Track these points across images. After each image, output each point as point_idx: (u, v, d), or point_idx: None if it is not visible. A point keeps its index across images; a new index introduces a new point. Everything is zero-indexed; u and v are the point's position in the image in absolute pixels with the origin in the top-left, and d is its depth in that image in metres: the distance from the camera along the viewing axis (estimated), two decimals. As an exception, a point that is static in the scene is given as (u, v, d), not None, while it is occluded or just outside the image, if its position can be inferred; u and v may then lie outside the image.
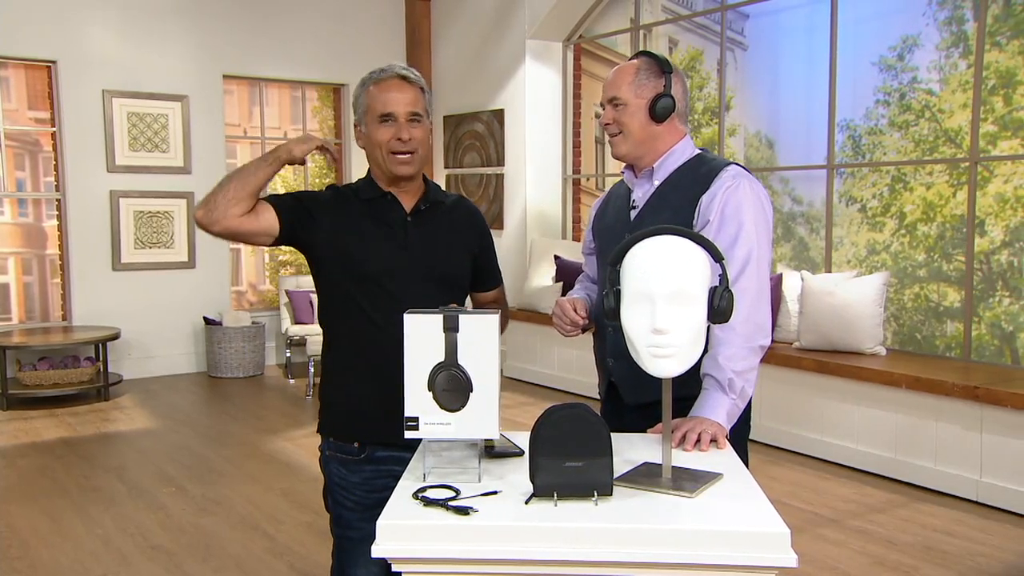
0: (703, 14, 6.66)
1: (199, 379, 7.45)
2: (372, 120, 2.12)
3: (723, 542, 1.50)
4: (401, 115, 2.10)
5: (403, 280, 2.11)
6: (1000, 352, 5.01)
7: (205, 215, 2.01)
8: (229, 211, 2.01)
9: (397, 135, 2.10)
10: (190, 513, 4.28)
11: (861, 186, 5.69)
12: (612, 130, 2.23)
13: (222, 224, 2.01)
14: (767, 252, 2.15)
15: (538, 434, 1.64)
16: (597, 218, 2.42)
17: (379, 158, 2.13)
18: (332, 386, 2.23)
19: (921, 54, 5.31)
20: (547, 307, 7.06)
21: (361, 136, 2.17)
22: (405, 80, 2.12)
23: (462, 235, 2.26)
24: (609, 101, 2.22)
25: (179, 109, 7.48)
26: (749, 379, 2.06)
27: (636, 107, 2.18)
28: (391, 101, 2.10)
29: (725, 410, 2.02)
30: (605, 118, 2.24)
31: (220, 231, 2.03)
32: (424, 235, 2.16)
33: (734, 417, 2.04)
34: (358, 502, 2.16)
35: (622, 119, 2.20)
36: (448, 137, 8.36)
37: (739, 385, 2.03)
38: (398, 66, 2.15)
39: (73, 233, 7.12)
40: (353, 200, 2.18)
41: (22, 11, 6.81)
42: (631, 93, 2.18)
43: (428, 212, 2.19)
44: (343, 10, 8.20)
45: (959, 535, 4.00)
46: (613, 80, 2.22)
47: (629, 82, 2.19)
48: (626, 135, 2.21)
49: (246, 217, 2.03)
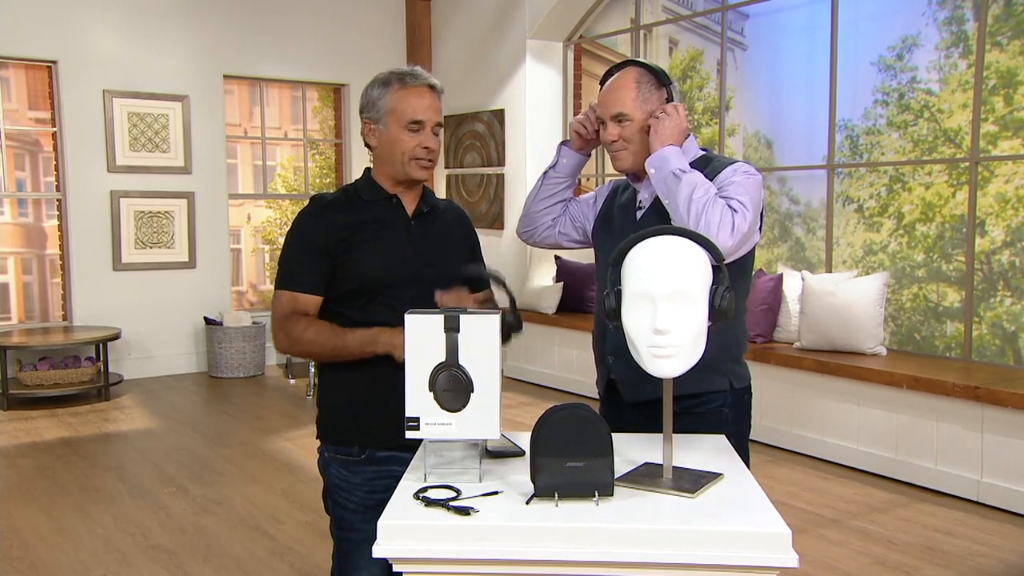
0: (703, 14, 6.66)
1: (199, 379, 7.45)
2: (396, 123, 2.11)
3: (724, 542, 1.50)
4: (429, 124, 2.12)
5: (405, 282, 2.11)
6: (1001, 352, 5.01)
7: (286, 348, 2.15)
8: (304, 356, 2.21)
9: (425, 143, 2.11)
10: (190, 513, 4.28)
11: (858, 186, 5.69)
12: (617, 147, 2.22)
13: (294, 356, 2.18)
14: (757, 221, 2.15)
15: (539, 434, 1.64)
16: (600, 218, 2.40)
17: (399, 161, 2.13)
18: (332, 392, 2.22)
19: (921, 54, 5.31)
20: (547, 307, 7.07)
21: (375, 134, 2.15)
22: (433, 89, 2.14)
23: (457, 238, 2.28)
24: (613, 118, 2.20)
25: (179, 109, 7.48)
26: (689, 190, 2.05)
27: (640, 122, 2.18)
28: (421, 109, 2.10)
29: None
30: (610, 135, 2.21)
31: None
32: (426, 238, 2.18)
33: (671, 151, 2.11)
34: (359, 503, 2.15)
35: (627, 135, 2.19)
36: (448, 137, 8.36)
37: (677, 174, 2.07)
38: (426, 73, 2.15)
39: (73, 233, 7.12)
40: (356, 203, 2.17)
41: (22, 11, 6.81)
42: (637, 108, 2.18)
43: (428, 215, 2.21)
44: (343, 10, 8.20)
45: (960, 535, 4.00)
46: (615, 96, 2.20)
47: (633, 98, 2.18)
48: (630, 151, 2.21)
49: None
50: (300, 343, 2.10)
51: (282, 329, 2.12)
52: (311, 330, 2.09)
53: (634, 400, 2.22)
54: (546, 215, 2.43)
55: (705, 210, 2.01)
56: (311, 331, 2.09)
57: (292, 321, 2.10)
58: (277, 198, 8.58)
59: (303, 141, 8.43)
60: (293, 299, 2.12)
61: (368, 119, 2.15)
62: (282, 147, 8.75)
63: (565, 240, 2.46)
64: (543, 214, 2.43)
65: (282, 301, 2.13)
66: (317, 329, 2.09)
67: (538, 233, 2.45)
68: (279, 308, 2.14)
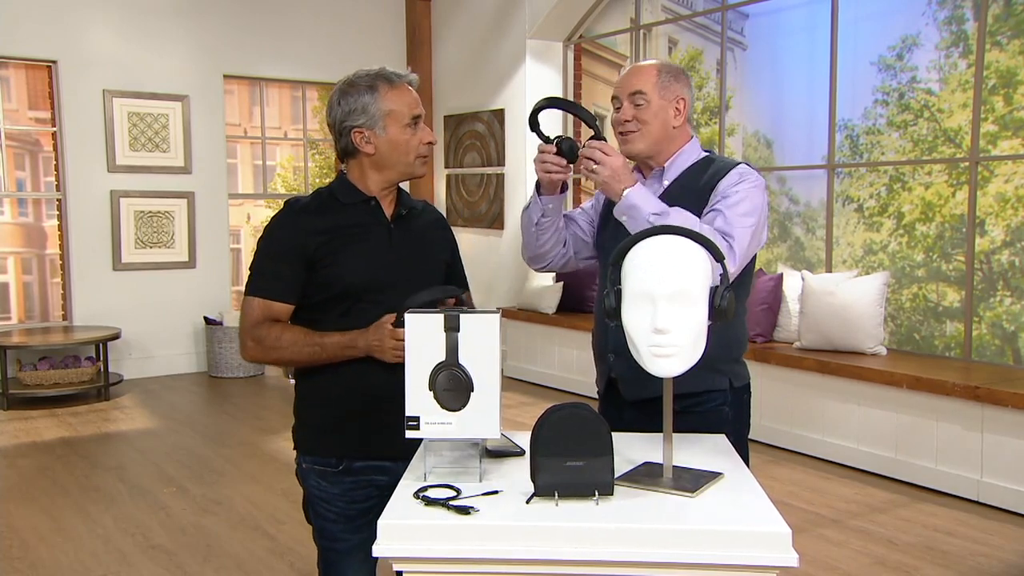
0: (703, 14, 6.66)
1: (199, 379, 7.45)
2: (397, 124, 2.05)
3: (724, 541, 1.50)
4: (424, 116, 2.11)
5: (388, 286, 2.05)
6: (1001, 352, 5.01)
7: (256, 356, 2.07)
8: (276, 363, 2.16)
9: (426, 139, 2.09)
10: (190, 513, 4.28)
11: (858, 186, 5.69)
12: (630, 127, 2.20)
13: (262, 364, 2.14)
14: (760, 235, 2.15)
15: (539, 433, 1.64)
16: (603, 216, 2.40)
17: (404, 162, 2.09)
18: (308, 403, 2.16)
19: (920, 54, 5.31)
20: (547, 307, 7.07)
21: (372, 141, 2.06)
22: (411, 84, 2.11)
23: (436, 240, 2.24)
24: (630, 96, 2.19)
25: (179, 109, 7.48)
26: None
27: (660, 107, 2.18)
28: (416, 104, 2.09)
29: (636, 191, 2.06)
30: (624, 114, 2.19)
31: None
32: (407, 240, 2.13)
33: (627, 193, 2.06)
34: (340, 513, 2.12)
35: (643, 116, 2.19)
36: (448, 137, 8.36)
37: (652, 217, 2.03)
38: (400, 70, 2.11)
39: (73, 233, 7.12)
40: (332, 206, 2.10)
41: (22, 11, 6.80)
42: (656, 92, 2.18)
43: (407, 217, 2.17)
44: (343, 10, 8.20)
45: (960, 535, 3.99)
46: (635, 76, 2.20)
47: (654, 81, 2.18)
48: (644, 133, 2.20)
49: None
50: (275, 350, 2.03)
51: (252, 337, 2.05)
52: (286, 336, 2.02)
53: (634, 398, 2.22)
54: (555, 246, 2.36)
55: None
56: (286, 337, 2.02)
57: (264, 328, 2.04)
58: (277, 198, 8.59)
59: (303, 141, 8.43)
60: (266, 306, 2.05)
61: (360, 127, 2.04)
62: (282, 147, 8.76)
63: (582, 259, 2.42)
64: (552, 245, 2.35)
65: (254, 307, 2.05)
66: (292, 335, 2.03)
67: (555, 263, 2.39)
68: (250, 315, 2.05)
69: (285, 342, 2.02)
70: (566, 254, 2.38)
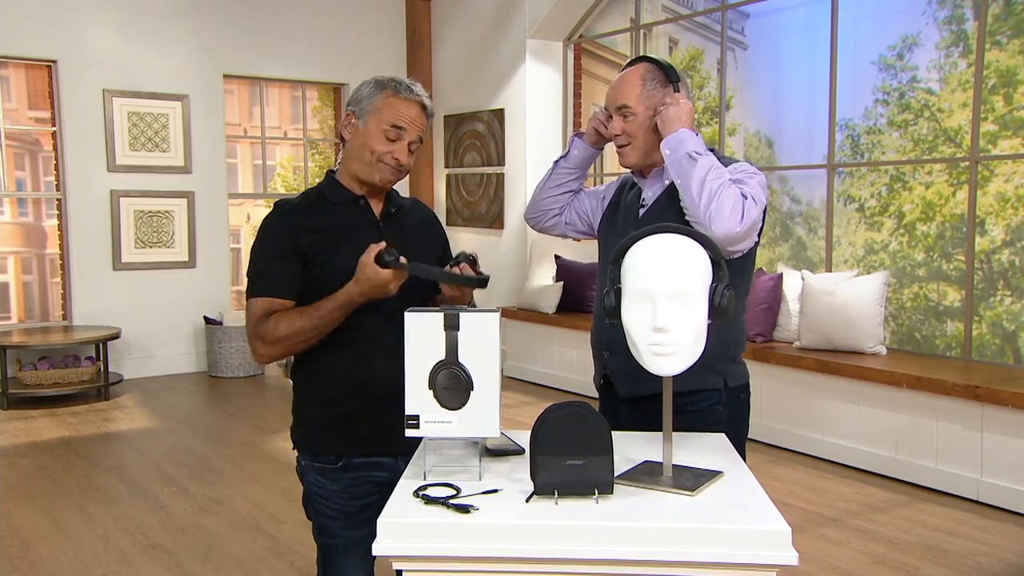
0: (703, 14, 6.66)
1: (199, 379, 7.45)
2: (376, 124, 2.06)
3: (724, 540, 1.50)
4: (408, 136, 2.08)
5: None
6: (1001, 351, 5.01)
7: (266, 353, 2.03)
8: (287, 353, 2.05)
9: (397, 154, 2.07)
10: (190, 513, 4.28)
11: (859, 185, 5.69)
12: (621, 141, 2.21)
13: (277, 360, 2.09)
14: (762, 207, 2.14)
15: (539, 432, 1.64)
16: (607, 212, 2.40)
17: (366, 160, 2.08)
18: (305, 402, 2.16)
19: (921, 53, 5.31)
20: (547, 307, 7.07)
21: (352, 128, 2.10)
22: (424, 109, 2.10)
23: (427, 237, 2.24)
24: (617, 110, 2.20)
25: (179, 109, 7.48)
26: (705, 174, 2.04)
27: (644, 117, 2.18)
28: (407, 118, 2.06)
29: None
30: (614, 129, 2.21)
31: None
32: (397, 238, 2.09)
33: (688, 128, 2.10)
34: (339, 510, 2.13)
35: (631, 130, 2.19)
36: (448, 137, 8.36)
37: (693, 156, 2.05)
38: (423, 91, 2.11)
39: (73, 233, 7.11)
40: (322, 205, 2.11)
41: (22, 11, 6.80)
42: (641, 104, 2.17)
43: (396, 215, 2.17)
44: (343, 10, 8.20)
45: (960, 535, 3.99)
46: (619, 90, 2.20)
47: (638, 92, 2.17)
48: (635, 146, 2.20)
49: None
50: (280, 341, 2.01)
51: (256, 336, 2.03)
52: (283, 324, 2.01)
53: (628, 396, 2.22)
54: (553, 203, 2.45)
55: (719, 193, 2.00)
56: (283, 325, 2.01)
57: (263, 325, 2.02)
58: (277, 198, 8.57)
59: (303, 141, 8.43)
60: (269, 304, 2.03)
61: (351, 112, 2.10)
62: (282, 147, 8.75)
63: (571, 231, 2.48)
64: (550, 202, 2.46)
65: (256, 307, 2.04)
66: (288, 320, 2.01)
67: (544, 220, 2.49)
68: (254, 315, 2.04)
69: (283, 328, 2.01)
70: (559, 215, 2.47)
